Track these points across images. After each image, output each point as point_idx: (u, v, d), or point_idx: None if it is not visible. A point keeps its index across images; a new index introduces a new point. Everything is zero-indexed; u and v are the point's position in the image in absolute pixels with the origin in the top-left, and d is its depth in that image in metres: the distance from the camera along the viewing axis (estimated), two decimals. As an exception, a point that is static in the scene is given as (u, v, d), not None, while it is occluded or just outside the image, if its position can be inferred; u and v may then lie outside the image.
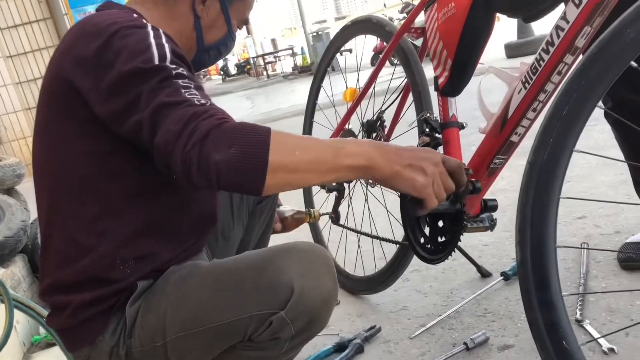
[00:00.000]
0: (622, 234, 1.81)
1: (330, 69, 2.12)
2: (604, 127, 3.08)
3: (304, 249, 0.99)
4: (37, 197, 1.08)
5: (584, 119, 0.82)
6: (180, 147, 0.82)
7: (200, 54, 1.19)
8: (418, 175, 0.90)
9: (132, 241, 1.02)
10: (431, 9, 1.30)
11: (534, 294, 0.84)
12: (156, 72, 0.90)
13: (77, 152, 1.00)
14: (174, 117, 0.84)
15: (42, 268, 1.07)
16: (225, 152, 0.82)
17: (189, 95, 0.88)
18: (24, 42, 6.63)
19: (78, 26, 1.02)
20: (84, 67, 0.95)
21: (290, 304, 0.92)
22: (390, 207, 1.79)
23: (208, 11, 1.14)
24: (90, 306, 1.00)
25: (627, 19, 0.78)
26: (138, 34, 0.95)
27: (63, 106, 0.99)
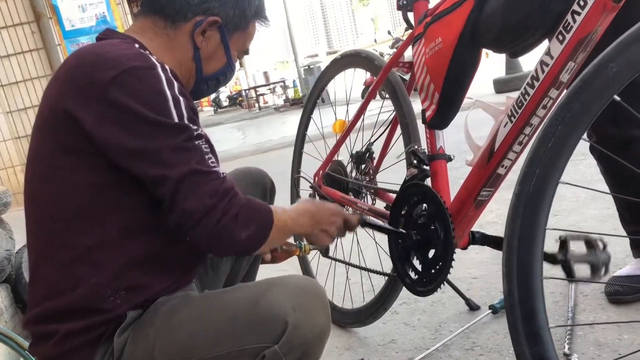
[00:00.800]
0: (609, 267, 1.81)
1: (320, 101, 2.14)
2: (591, 161, 3.12)
3: (298, 282, 0.99)
4: (28, 226, 1.06)
5: (569, 151, 0.83)
6: (212, 221, 0.96)
7: (199, 84, 1.19)
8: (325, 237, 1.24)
9: (125, 273, 1.01)
10: (418, 44, 1.32)
11: (521, 326, 0.83)
12: (178, 129, 0.96)
13: (73, 182, 0.99)
14: (206, 188, 0.96)
15: (30, 298, 1.05)
16: (248, 232, 1.00)
17: (212, 163, 0.99)
18: (15, 72, 6.65)
19: (80, 55, 1.02)
20: (86, 98, 0.95)
21: (285, 338, 0.91)
22: (379, 239, 1.79)
23: (208, 42, 1.14)
24: (78, 335, 0.99)
25: (609, 54, 0.80)
26: (150, 77, 0.96)
27: (60, 135, 0.98)
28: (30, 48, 6.66)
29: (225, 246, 1.00)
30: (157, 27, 1.12)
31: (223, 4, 1.12)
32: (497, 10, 1.09)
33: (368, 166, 1.76)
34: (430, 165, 1.39)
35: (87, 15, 6.27)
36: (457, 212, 1.27)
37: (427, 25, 1.28)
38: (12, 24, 6.61)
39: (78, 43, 6.27)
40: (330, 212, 1.24)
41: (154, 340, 0.98)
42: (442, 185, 1.36)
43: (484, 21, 1.13)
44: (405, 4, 1.48)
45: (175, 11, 1.10)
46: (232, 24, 1.15)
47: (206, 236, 0.97)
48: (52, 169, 1.01)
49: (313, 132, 2.15)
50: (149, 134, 0.94)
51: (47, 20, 6.47)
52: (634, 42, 0.77)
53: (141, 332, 1.00)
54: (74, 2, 6.22)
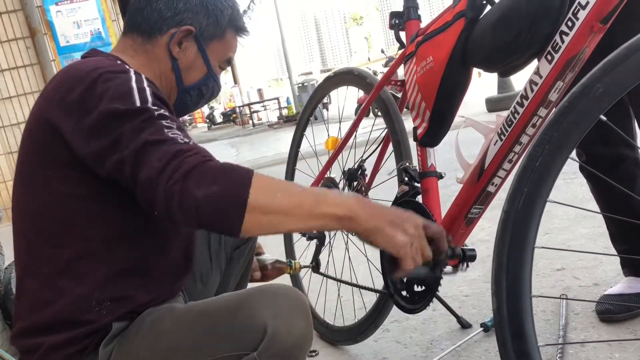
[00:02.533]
0: (600, 286, 1.82)
1: (312, 118, 2.15)
2: (582, 180, 3.14)
3: (278, 290, 0.97)
4: (14, 240, 1.07)
5: (557, 170, 0.84)
6: (163, 182, 0.84)
7: (182, 95, 1.20)
8: (398, 233, 0.90)
9: (109, 283, 1.01)
10: (410, 62, 1.34)
11: (510, 344, 0.83)
12: (138, 112, 0.92)
13: (56, 194, 1.00)
14: (157, 154, 0.87)
15: (16, 311, 1.06)
16: (207, 189, 0.83)
17: (172, 134, 0.90)
18: (9, 87, 6.65)
19: (63, 71, 1.05)
20: (66, 109, 0.96)
21: (263, 345, 0.90)
22: (371, 255, 1.79)
23: (185, 53, 1.16)
24: (63, 348, 0.98)
25: (596, 74, 0.81)
26: (120, 78, 0.97)
27: (44, 148, 1.00)
28: (25, 63, 6.67)
29: (182, 209, 0.84)
30: (136, 44, 1.15)
31: (195, 14, 1.15)
32: (487, 30, 1.11)
33: (360, 183, 1.76)
34: (422, 182, 1.40)
35: (82, 32, 6.29)
36: (447, 230, 1.27)
37: (419, 44, 1.30)
38: (6, 39, 6.62)
39: (72, 59, 6.29)
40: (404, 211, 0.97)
41: (137, 350, 0.98)
42: (433, 203, 1.37)
43: (474, 41, 1.15)
44: (397, 23, 1.50)
45: (150, 27, 1.14)
46: (207, 33, 1.17)
47: (161, 201, 0.85)
48: (35, 181, 1.02)
49: (306, 149, 2.16)
50: (110, 128, 0.92)
51: (42, 36, 6.50)
52: (620, 62, 0.79)
53: (126, 343, 1.00)
54: (69, 18, 6.25)
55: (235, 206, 0.84)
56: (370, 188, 1.77)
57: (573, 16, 0.93)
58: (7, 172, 6.62)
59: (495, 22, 1.09)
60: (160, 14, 1.13)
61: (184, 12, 1.14)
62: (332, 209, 0.88)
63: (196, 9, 1.15)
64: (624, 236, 1.67)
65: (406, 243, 0.90)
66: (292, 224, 0.89)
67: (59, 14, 6.22)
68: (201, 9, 1.16)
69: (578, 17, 0.92)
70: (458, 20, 1.18)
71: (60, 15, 6.23)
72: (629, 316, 1.59)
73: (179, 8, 1.14)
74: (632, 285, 1.66)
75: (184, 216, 0.85)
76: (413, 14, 1.47)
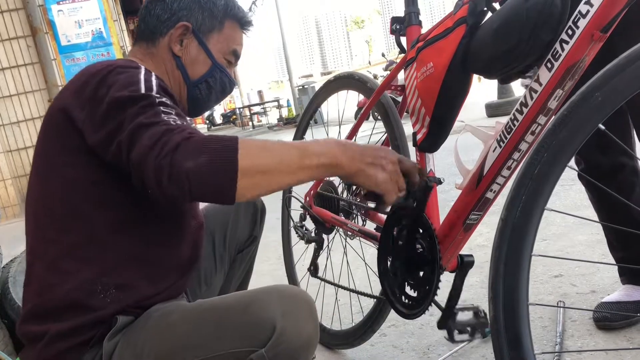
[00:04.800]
0: (598, 293, 1.82)
1: (312, 121, 2.15)
2: (581, 187, 3.14)
3: (288, 290, 1.00)
4: (26, 225, 1.11)
5: (555, 178, 0.84)
6: (152, 158, 0.86)
7: (191, 90, 1.24)
8: (378, 172, 0.97)
9: (114, 270, 1.03)
10: (410, 68, 1.34)
11: (506, 352, 0.83)
12: (140, 98, 0.96)
13: (66, 180, 1.03)
14: (148, 134, 0.89)
15: (25, 296, 1.08)
16: (196, 160, 0.85)
17: (167, 117, 0.93)
18: (9, 85, 6.65)
19: (84, 69, 1.11)
20: (81, 100, 1.02)
21: (272, 342, 0.92)
22: (369, 260, 1.79)
23: (187, 49, 1.21)
24: (67, 337, 1.00)
25: (596, 82, 0.81)
26: (130, 72, 1.03)
27: (58, 135, 1.04)
28: (26, 62, 6.68)
29: (172, 181, 0.85)
30: (142, 50, 1.23)
31: (190, 10, 1.21)
32: (488, 38, 1.11)
33: (359, 187, 1.77)
34: (420, 188, 1.40)
35: (84, 31, 6.30)
36: (446, 235, 1.27)
37: (420, 50, 1.30)
38: (7, 37, 6.63)
39: (73, 58, 6.29)
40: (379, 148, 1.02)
41: (143, 343, 0.99)
42: (431, 208, 1.37)
43: (475, 48, 1.15)
44: (398, 29, 1.50)
45: (151, 32, 1.21)
46: (204, 27, 1.22)
47: (151, 176, 0.86)
48: (48, 167, 1.06)
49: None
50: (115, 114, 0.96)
51: (43, 35, 6.50)
52: (619, 71, 0.79)
53: (132, 336, 1.01)
54: (70, 17, 6.25)
55: (226, 172, 0.86)
56: (369, 192, 1.76)
57: (573, 25, 0.93)
58: (7, 171, 6.61)
59: (496, 29, 1.09)
60: (159, 18, 1.20)
61: (179, 11, 1.20)
62: (316, 160, 0.92)
63: (190, 5, 1.21)
64: (621, 244, 1.67)
65: (386, 179, 0.98)
66: (282, 180, 0.91)
67: (61, 13, 6.22)
68: (194, 4, 1.21)
69: (578, 25, 0.92)
70: (459, 26, 1.18)
71: (62, 14, 6.24)
72: (626, 324, 1.59)
73: (173, 9, 1.21)
74: (629, 293, 1.66)
75: (176, 188, 0.86)
76: (414, 20, 1.47)
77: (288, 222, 2.17)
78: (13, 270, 2.10)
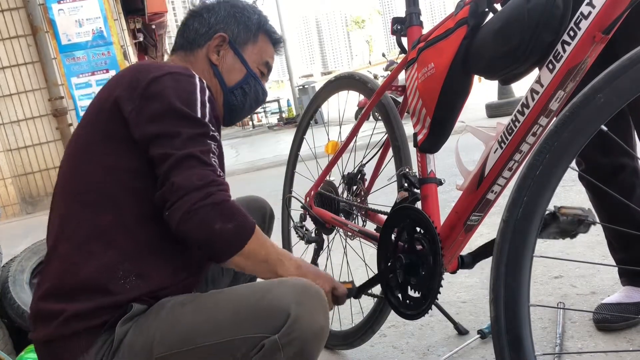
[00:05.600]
0: (598, 294, 1.82)
1: (313, 121, 2.15)
2: (581, 188, 3.14)
3: (303, 282, 1.03)
4: (53, 206, 1.17)
5: (556, 179, 0.83)
6: (192, 200, 0.99)
7: (227, 96, 1.34)
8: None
9: (137, 258, 1.08)
10: (411, 68, 1.34)
11: (507, 353, 0.83)
12: (198, 123, 1.07)
13: (105, 166, 1.09)
14: (199, 172, 1.02)
15: (43, 276, 1.11)
16: (223, 225, 1.01)
17: (214, 162, 1.06)
18: (10, 84, 6.65)
19: (129, 67, 1.20)
20: (132, 92, 1.09)
21: (285, 329, 0.94)
22: (369, 260, 1.79)
23: (224, 59, 1.32)
24: (83, 318, 1.03)
25: (598, 84, 0.81)
26: (187, 81, 1.12)
27: (103, 122, 1.11)
28: (26, 61, 6.68)
29: (194, 229, 1.00)
30: (181, 59, 1.32)
31: (226, 24, 1.32)
32: (489, 38, 1.11)
33: (359, 188, 1.76)
34: (421, 188, 1.40)
35: (84, 30, 6.29)
36: (446, 236, 1.27)
37: (421, 50, 1.30)
38: (8, 36, 6.63)
39: (74, 57, 6.29)
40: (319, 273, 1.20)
41: (155, 331, 1.01)
42: (432, 209, 1.37)
43: (476, 49, 1.15)
44: (399, 29, 1.50)
45: (190, 43, 1.32)
46: (240, 39, 1.33)
47: (180, 213, 1.00)
48: (87, 152, 1.12)
49: (306, 152, 2.16)
50: (171, 122, 1.06)
51: (44, 34, 6.50)
52: (622, 73, 0.79)
53: (144, 324, 1.03)
54: (71, 17, 6.25)
55: (233, 248, 1.04)
56: (370, 193, 1.76)
57: (575, 26, 0.93)
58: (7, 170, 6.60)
59: (497, 30, 1.09)
60: (197, 32, 1.31)
61: (216, 24, 1.32)
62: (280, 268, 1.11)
63: (226, 19, 1.32)
64: (622, 245, 1.67)
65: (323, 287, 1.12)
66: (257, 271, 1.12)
67: (61, 13, 6.22)
68: (230, 18, 1.33)
69: (580, 27, 0.92)
70: (460, 27, 1.18)
71: (62, 13, 6.23)
72: (626, 325, 1.59)
73: (211, 23, 1.32)
74: (629, 294, 1.66)
75: (191, 233, 1.01)
76: (415, 20, 1.47)
77: (288, 222, 2.17)
78: (13, 269, 2.10)
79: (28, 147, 6.77)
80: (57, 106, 6.57)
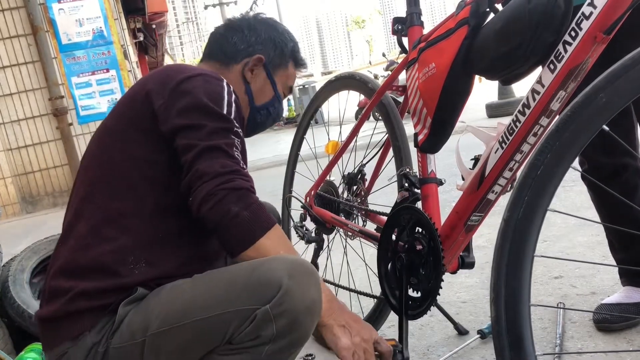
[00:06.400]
0: (598, 294, 1.82)
1: (313, 121, 2.15)
2: (581, 188, 3.15)
3: (295, 258, 1.04)
4: (74, 189, 1.21)
5: (557, 179, 0.84)
6: (214, 184, 1.03)
7: (253, 113, 1.39)
8: (344, 336, 1.03)
9: (149, 246, 1.11)
10: (412, 68, 1.34)
11: (507, 353, 0.83)
12: (223, 119, 1.11)
13: (130, 155, 1.13)
14: (223, 161, 1.06)
15: (56, 254, 1.15)
16: (240, 210, 1.02)
17: (237, 155, 1.09)
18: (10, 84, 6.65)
19: (163, 67, 1.25)
20: (163, 87, 1.14)
21: (276, 299, 0.96)
22: (369, 260, 1.79)
23: (256, 78, 1.37)
24: (90, 297, 1.06)
25: (599, 84, 0.81)
26: (216, 83, 1.17)
27: (133, 112, 1.15)
28: (26, 60, 6.67)
29: (211, 210, 1.02)
30: (214, 69, 1.34)
31: (265, 47, 1.37)
32: (490, 38, 1.11)
33: (359, 188, 1.77)
34: (422, 188, 1.40)
35: (84, 30, 6.28)
36: (447, 236, 1.27)
37: (421, 50, 1.30)
38: (8, 36, 6.63)
39: (74, 57, 6.28)
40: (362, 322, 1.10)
41: (153, 308, 1.04)
42: (432, 209, 1.37)
43: (477, 49, 1.15)
44: (399, 29, 1.50)
45: (227, 57, 1.36)
46: (274, 63, 1.38)
47: (202, 195, 1.03)
48: (115, 140, 1.16)
49: (306, 152, 2.16)
50: (197, 116, 1.10)
51: (44, 33, 6.50)
52: (623, 73, 0.79)
53: (143, 304, 1.06)
54: (71, 16, 6.24)
55: (247, 237, 1.04)
56: (370, 193, 1.77)
57: (576, 26, 0.93)
58: (7, 169, 6.60)
59: (498, 31, 1.09)
60: (236, 47, 1.35)
61: (255, 44, 1.36)
62: None
63: (265, 42, 1.37)
64: (623, 245, 1.67)
65: (348, 347, 1.03)
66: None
67: (61, 12, 6.21)
68: (269, 42, 1.38)
69: (581, 27, 0.92)
70: (461, 27, 1.18)
71: (63, 13, 6.23)
72: (626, 326, 1.59)
73: (251, 42, 1.36)
74: (629, 294, 1.66)
75: (211, 217, 1.03)
76: (416, 20, 1.47)
77: (288, 222, 2.17)
78: (13, 268, 2.10)
79: (28, 147, 6.76)
80: (58, 106, 6.56)
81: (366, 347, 1.05)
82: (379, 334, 1.11)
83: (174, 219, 1.13)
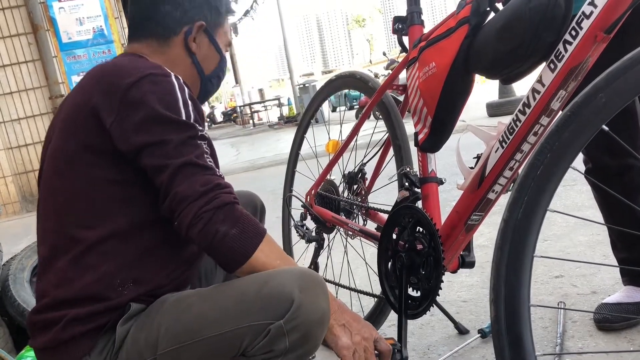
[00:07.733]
0: (598, 294, 1.82)
1: (314, 120, 2.15)
2: (582, 187, 3.14)
3: (303, 270, 1.03)
4: (42, 220, 1.13)
5: (557, 179, 0.83)
6: (198, 206, 0.98)
7: (205, 84, 1.29)
8: (344, 336, 1.04)
9: (133, 265, 1.07)
10: (412, 68, 1.34)
11: (507, 353, 0.83)
12: (185, 127, 1.04)
13: (91, 178, 1.06)
14: (200, 178, 1.01)
15: (40, 288, 1.09)
16: (230, 229, 0.99)
17: (210, 162, 1.05)
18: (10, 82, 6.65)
19: (102, 67, 1.12)
20: (110, 100, 1.04)
21: (289, 314, 0.95)
22: (369, 259, 1.79)
23: (200, 46, 1.25)
24: (83, 322, 1.03)
25: (599, 83, 0.81)
26: (166, 81, 1.06)
27: (83, 133, 1.06)
28: (27, 59, 6.67)
29: (199, 235, 0.98)
30: (151, 48, 1.21)
31: (200, 9, 1.23)
32: (490, 38, 1.11)
33: (360, 187, 1.77)
34: (422, 188, 1.40)
35: (85, 29, 6.29)
36: (447, 236, 1.27)
37: (422, 49, 1.30)
38: (8, 34, 6.62)
39: (74, 55, 6.29)
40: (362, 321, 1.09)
41: (159, 325, 1.01)
42: (433, 208, 1.37)
43: (477, 48, 1.15)
44: (400, 28, 1.50)
45: (163, 29, 1.21)
46: (212, 24, 1.26)
47: (188, 219, 0.99)
48: (71, 165, 1.08)
49: (306, 151, 2.16)
50: (157, 130, 1.02)
51: (44, 32, 6.49)
52: (623, 72, 0.78)
53: (146, 321, 1.03)
54: (71, 15, 6.24)
55: (239, 255, 1.00)
56: (370, 192, 1.76)
57: (577, 25, 0.93)
58: (7, 168, 6.60)
59: (499, 30, 1.09)
60: (171, 16, 1.20)
61: (191, 9, 1.22)
62: None
63: (200, 3, 1.23)
64: (625, 245, 1.67)
65: (349, 347, 1.03)
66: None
67: (62, 11, 6.21)
68: (204, 3, 1.24)
69: (582, 26, 0.92)
70: (461, 26, 1.17)
71: (63, 11, 6.23)
72: (627, 325, 1.59)
73: (185, 7, 1.21)
74: (630, 294, 1.66)
75: (200, 240, 0.99)
76: (416, 19, 1.47)
77: (289, 221, 2.17)
78: (13, 267, 2.10)
79: (29, 145, 6.76)
80: (58, 104, 6.56)
81: (366, 346, 1.05)
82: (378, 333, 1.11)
83: (151, 232, 1.09)
